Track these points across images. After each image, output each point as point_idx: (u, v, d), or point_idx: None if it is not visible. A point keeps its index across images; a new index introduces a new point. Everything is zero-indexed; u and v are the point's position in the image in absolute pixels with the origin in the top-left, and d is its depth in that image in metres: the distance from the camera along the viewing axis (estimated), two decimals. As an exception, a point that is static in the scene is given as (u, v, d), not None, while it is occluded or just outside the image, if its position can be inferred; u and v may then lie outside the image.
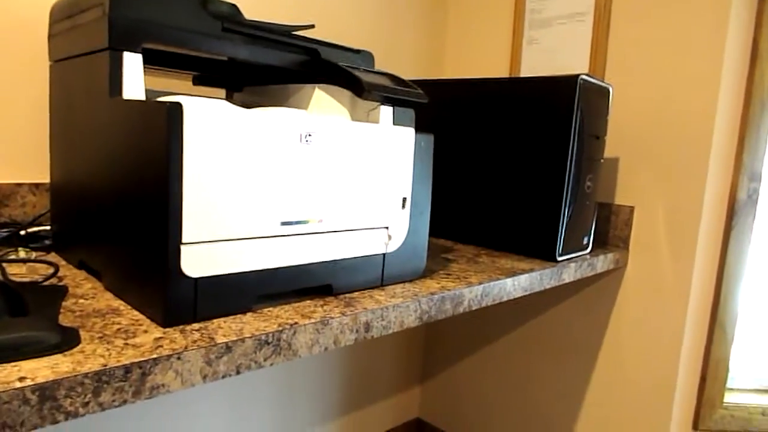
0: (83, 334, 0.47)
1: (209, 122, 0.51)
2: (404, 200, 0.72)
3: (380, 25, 1.39)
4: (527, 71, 1.37)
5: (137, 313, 0.54)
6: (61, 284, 0.61)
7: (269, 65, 0.69)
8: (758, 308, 1.25)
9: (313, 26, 0.76)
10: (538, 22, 1.35)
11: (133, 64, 0.57)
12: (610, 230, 1.23)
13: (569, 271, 0.98)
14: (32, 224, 0.80)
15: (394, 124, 0.71)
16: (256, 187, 0.55)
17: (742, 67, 1.12)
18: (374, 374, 1.55)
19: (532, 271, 0.88)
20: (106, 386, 0.42)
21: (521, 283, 0.86)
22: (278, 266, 0.59)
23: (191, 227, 0.51)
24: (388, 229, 0.71)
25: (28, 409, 0.38)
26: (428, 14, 1.51)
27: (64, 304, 0.55)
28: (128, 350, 0.45)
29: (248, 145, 0.54)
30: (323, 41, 0.73)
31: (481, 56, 1.49)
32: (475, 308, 0.78)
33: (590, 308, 1.28)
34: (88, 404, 0.41)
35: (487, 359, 1.50)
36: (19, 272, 0.64)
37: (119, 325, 0.50)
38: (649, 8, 1.16)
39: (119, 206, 0.57)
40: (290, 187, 0.59)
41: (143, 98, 0.57)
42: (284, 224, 0.59)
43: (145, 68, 0.58)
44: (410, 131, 0.72)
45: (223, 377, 0.49)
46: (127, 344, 0.46)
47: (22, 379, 0.38)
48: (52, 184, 0.75)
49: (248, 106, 0.68)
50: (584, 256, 1.05)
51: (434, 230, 1.11)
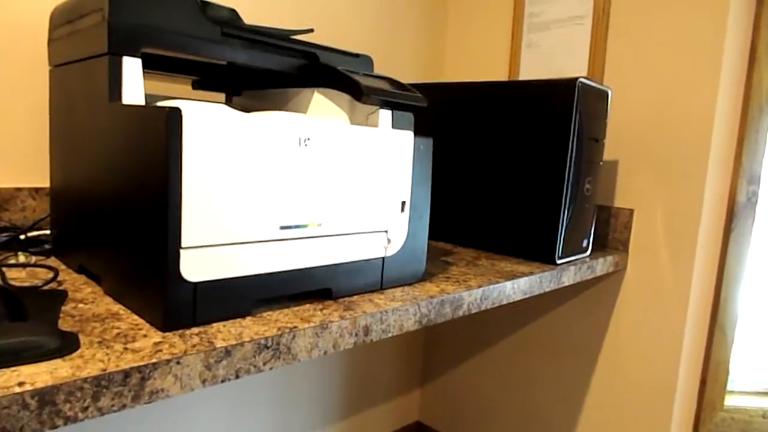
0: (83, 338, 0.47)
1: (208, 127, 0.51)
2: (403, 204, 0.73)
3: (379, 28, 1.39)
4: (526, 74, 1.38)
5: (137, 317, 0.54)
6: (60, 288, 0.61)
7: (268, 69, 0.69)
8: (758, 311, 1.25)
9: (312, 30, 0.76)
10: (536, 25, 1.35)
11: (132, 68, 0.57)
12: (609, 233, 1.23)
13: (569, 273, 0.98)
14: (32, 228, 0.80)
15: (393, 127, 0.71)
16: (255, 191, 0.56)
17: (740, 70, 1.12)
18: (374, 378, 1.55)
19: (531, 274, 0.88)
20: (105, 391, 0.42)
21: (521, 286, 0.86)
22: (277, 270, 0.59)
23: (190, 231, 0.51)
24: (387, 232, 0.71)
25: (27, 413, 0.38)
26: (427, 17, 1.51)
27: (63, 308, 0.55)
28: (127, 355, 0.45)
29: (247, 149, 0.54)
30: (322, 45, 0.73)
31: (480, 59, 1.49)
32: (474, 311, 0.78)
33: (590, 311, 1.28)
34: (87, 409, 0.41)
35: (487, 362, 1.50)
36: (18, 277, 0.65)
37: (119, 329, 0.50)
38: (647, 12, 1.16)
39: (119, 211, 0.57)
40: (289, 191, 0.59)
41: (143, 103, 0.57)
42: (283, 228, 0.59)
43: (144, 72, 0.58)
44: (409, 135, 0.72)
45: (222, 381, 0.50)
46: (126, 349, 0.46)
47: (21, 384, 0.38)
48: (52, 188, 0.75)
49: (247, 109, 0.68)
50: (584, 258, 1.05)
51: (434, 233, 1.11)
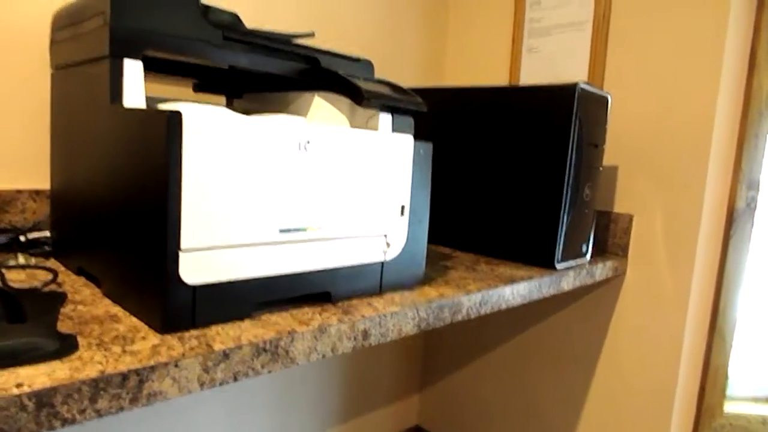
0: (81, 340, 0.47)
1: (208, 130, 0.51)
2: (403, 208, 0.73)
3: (380, 32, 1.40)
4: (526, 79, 1.38)
5: (135, 319, 0.54)
6: (60, 290, 0.61)
7: (269, 73, 0.70)
8: (757, 316, 1.24)
9: (313, 34, 0.77)
10: (537, 30, 1.36)
11: (133, 71, 0.57)
12: (609, 238, 1.23)
13: (568, 279, 0.98)
14: (32, 230, 0.80)
15: (393, 131, 0.71)
16: (254, 194, 0.56)
17: (740, 75, 1.12)
18: (373, 381, 1.55)
19: (530, 278, 0.88)
20: (103, 393, 0.42)
21: (520, 291, 0.86)
22: (277, 273, 0.59)
23: (190, 234, 0.51)
24: (386, 236, 0.71)
25: (25, 415, 0.38)
26: (428, 22, 1.52)
27: (62, 310, 0.55)
28: (126, 357, 0.45)
29: (247, 152, 0.54)
30: (323, 50, 0.74)
31: (480, 64, 1.50)
32: (473, 316, 0.78)
33: (589, 316, 1.28)
34: (85, 411, 0.41)
35: (486, 367, 1.50)
36: (18, 278, 0.65)
37: (117, 331, 0.50)
38: (648, 18, 1.17)
39: (119, 213, 0.57)
40: (289, 194, 0.59)
41: (144, 106, 0.57)
42: (283, 231, 0.59)
43: (145, 75, 0.59)
44: (409, 139, 0.72)
45: (220, 384, 0.50)
46: (124, 351, 0.46)
47: (19, 385, 0.39)
48: (52, 190, 0.75)
49: (248, 112, 0.68)
50: (583, 263, 1.05)
51: (433, 237, 1.11)
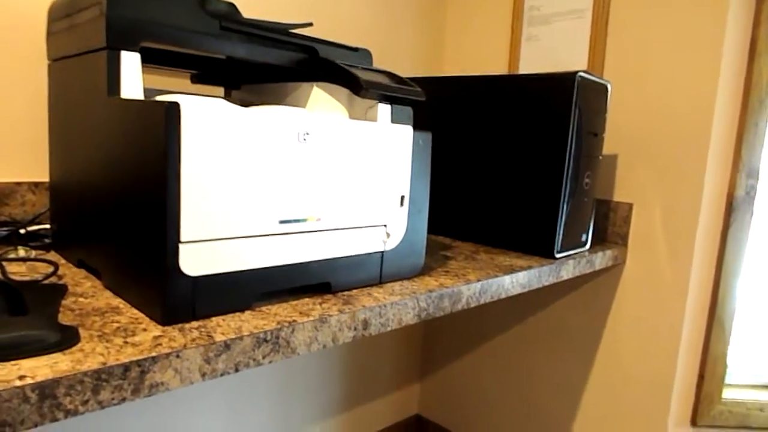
0: (83, 332, 0.48)
1: (207, 121, 0.51)
2: (402, 198, 0.73)
3: (378, 22, 1.39)
4: (526, 68, 1.38)
5: (136, 311, 0.54)
6: (60, 283, 0.61)
7: (267, 63, 0.69)
8: (756, 305, 1.25)
9: (311, 24, 0.76)
10: (537, 18, 1.35)
11: (131, 63, 0.57)
12: (608, 227, 1.23)
13: (568, 268, 0.98)
14: (32, 223, 0.81)
15: (392, 122, 0.71)
16: (254, 185, 0.56)
17: (740, 64, 1.12)
18: (373, 371, 1.56)
19: (530, 268, 0.89)
20: (105, 384, 0.42)
21: (519, 280, 0.86)
22: (277, 264, 0.59)
23: (189, 226, 0.51)
24: (386, 227, 0.71)
25: (27, 407, 0.38)
26: (427, 11, 1.51)
27: (63, 302, 0.55)
28: (127, 348, 0.45)
29: (246, 143, 0.54)
30: (321, 39, 0.73)
31: (479, 53, 1.49)
32: (473, 305, 0.78)
33: (589, 305, 1.29)
34: (87, 402, 0.41)
35: (485, 356, 1.51)
36: (18, 271, 0.65)
37: (118, 323, 0.51)
38: (647, 5, 1.16)
39: (118, 205, 0.57)
40: (288, 185, 0.59)
41: (141, 97, 0.57)
42: (282, 222, 0.59)
43: (143, 66, 0.58)
44: (408, 129, 0.72)
45: (221, 375, 0.50)
46: (126, 342, 0.46)
47: (22, 377, 0.39)
48: (51, 183, 0.75)
49: (246, 104, 0.68)
50: (583, 252, 1.06)
51: (432, 227, 1.11)
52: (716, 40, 1.07)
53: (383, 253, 0.71)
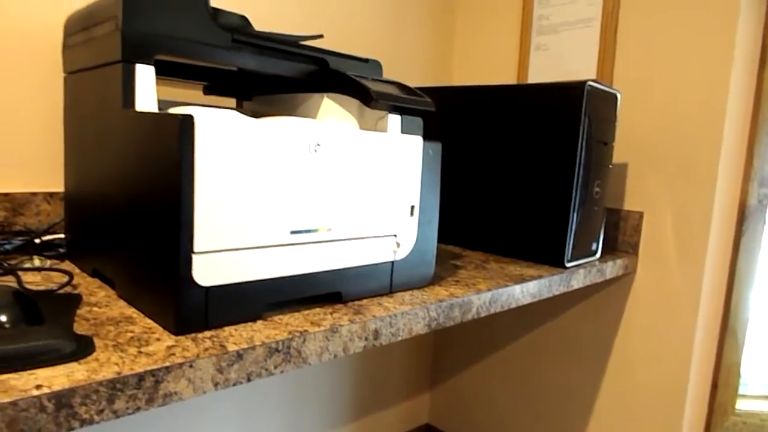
0: (97, 342, 0.48)
1: (220, 133, 0.52)
2: (412, 208, 0.73)
3: (388, 32, 1.40)
4: (535, 77, 1.38)
5: (150, 321, 0.55)
6: (75, 292, 0.62)
7: (278, 75, 0.70)
8: (770, 314, 1.24)
9: (321, 36, 0.77)
10: (545, 28, 1.35)
11: (145, 76, 0.58)
12: (619, 236, 1.23)
13: (578, 277, 0.98)
14: (47, 233, 0.82)
15: (402, 132, 0.72)
16: (266, 196, 0.56)
17: (751, 72, 1.11)
18: (384, 380, 1.55)
19: (540, 277, 0.88)
20: (120, 394, 0.42)
21: (530, 289, 0.86)
22: (288, 274, 0.60)
23: (203, 237, 0.52)
24: (396, 236, 0.72)
25: (44, 416, 0.39)
26: (436, 21, 1.52)
27: (78, 312, 0.56)
28: (141, 358, 0.46)
29: (258, 155, 0.55)
30: (332, 51, 0.74)
31: (488, 63, 1.49)
32: (483, 315, 0.78)
33: (599, 314, 1.28)
34: (102, 411, 0.42)
35: (496, 365, 1.50)
36: (34, 280, 0.66)
37: (132, 333, 0.51)
38: (656, 14, 1.16)
39: (132, 216, 0.58)
40: (299, 196, 0.59)
41: (156, 109, 0.58)
42: (294, 233, 0.59)
43: (157, 79, 0.59)
44: (418, 139, 0.72)
45: (234, 385, 0.50)
46: (140, 352, 0.47)
47: (38, 386, 0.39)
48: (66, 193, 0.76)
49: (258, 115, 0.69)
50: (593, 262, 1.05)
51: (442, 237, 1.11)
52: (727, 47, 1.06)
53: (393, 262, 0.72)
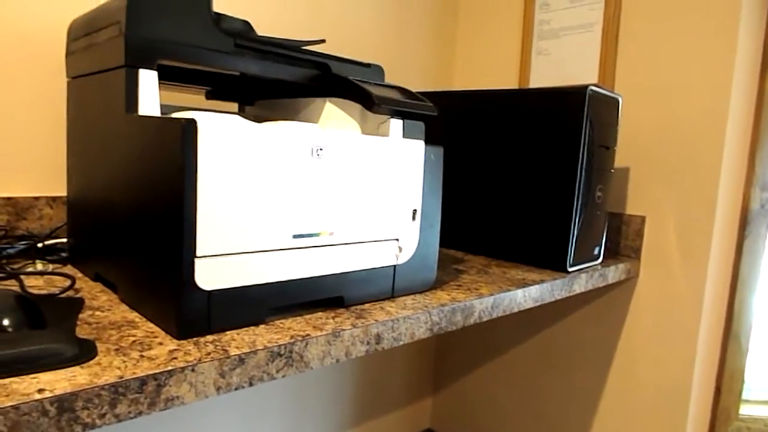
0: (100, 346, 0.48)
1: (223, 138, 0.52)
2: (414, 212, 0.73)
3: (390, 37, 1.40)
4: (536, 82, 1.38)
5: (152, 325, 0.55)
6: (77, 296, 0.62)
7: (281, 80, 0.70)
8: (773, 319, 1.23)
9: (323, 41, 0.77)
10: (547, 32, 1.36)
11: (148, 81, 0.58)
12: (621, 240, 1.22)
13: (580, 281, 0.98)
14: (49, 237, 0.82)
15: (404, 136, 0.72)
16: (268, 200, 0.56)
17: (752, 76, 1.12)
18: (386, 385, 1.55)
19: (542, 282, 0.88)
20: (122, 398, 0.42)
21: (532, 294, 0.86)
22: (290, 279, 0.60)
23: (205, 241, 0.52)
24: (398, 241, 0.72)
25: (46, 420, 0.39)
26: (437, 26, 1.52)
27: (80, 316, 0.56)
28: (144, 362, 0.46)
29: (260, 159, 0.55)
30: (334, 56, 0.74)
31: (490, 67, 1.50)
32: (485, 319, 0.78)
33: (602, 319, 1.27)
34: (104, 416, 0.42)
35: (498, 370, 1.50)
36: (36, 284, 0.66)
37: (135, 337, 0.51)
38: (658, 18, 1.16)
39: (135, 220, 0.58)
40: (302, 200, 0.59)
41: (158, 114, 0.58)
42: (296, 237, 0.59)
43: (159, 83, 0.60)
44: (420, 144, 0.72)
45: (236, 389, 0.50)
46: (142, 356, 0.47)
47: (41, 390, 0.39)
48: (68, 197, 0.76)
49: (260, 119, 0.69)
50: (595, 266, 1.05)
51: (445, 241, 1.11)
52: (728, 52, 1.06)
53: (395, 267, 0.72)
